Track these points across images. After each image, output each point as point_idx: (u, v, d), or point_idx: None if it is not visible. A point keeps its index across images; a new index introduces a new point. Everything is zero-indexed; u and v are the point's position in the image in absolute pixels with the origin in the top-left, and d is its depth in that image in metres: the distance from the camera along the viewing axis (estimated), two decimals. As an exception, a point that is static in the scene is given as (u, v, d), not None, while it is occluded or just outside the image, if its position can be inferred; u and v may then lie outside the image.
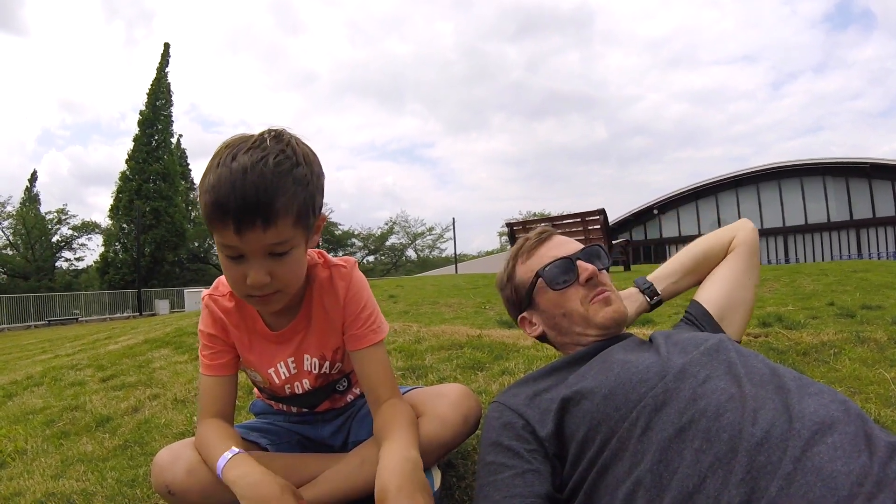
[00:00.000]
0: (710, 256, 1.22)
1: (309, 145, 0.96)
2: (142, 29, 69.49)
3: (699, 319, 1.12)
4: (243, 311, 1.10)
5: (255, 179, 0.84)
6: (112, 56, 72.87)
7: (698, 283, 1.23)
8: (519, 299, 1.15)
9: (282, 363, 1.13)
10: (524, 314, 1.15)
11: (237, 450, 0.95)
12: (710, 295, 1.15)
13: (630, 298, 1.20)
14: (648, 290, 1.20)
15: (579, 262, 1.07)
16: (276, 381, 1.15)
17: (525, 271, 1.13)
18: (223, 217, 0.85)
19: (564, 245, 1.12)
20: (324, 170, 0.98)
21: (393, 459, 0.90)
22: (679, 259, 1.25)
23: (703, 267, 1.22)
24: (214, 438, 1.00)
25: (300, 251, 0.96)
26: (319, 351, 1.14)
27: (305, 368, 1.15)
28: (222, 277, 1.12)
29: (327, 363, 1.15)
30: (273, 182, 0.85)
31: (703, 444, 0.69)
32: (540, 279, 1.09)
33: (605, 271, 1.10)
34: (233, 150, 0.87)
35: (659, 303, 1.21)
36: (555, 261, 1.08)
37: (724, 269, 1.19)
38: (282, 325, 1.11)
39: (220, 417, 1.06)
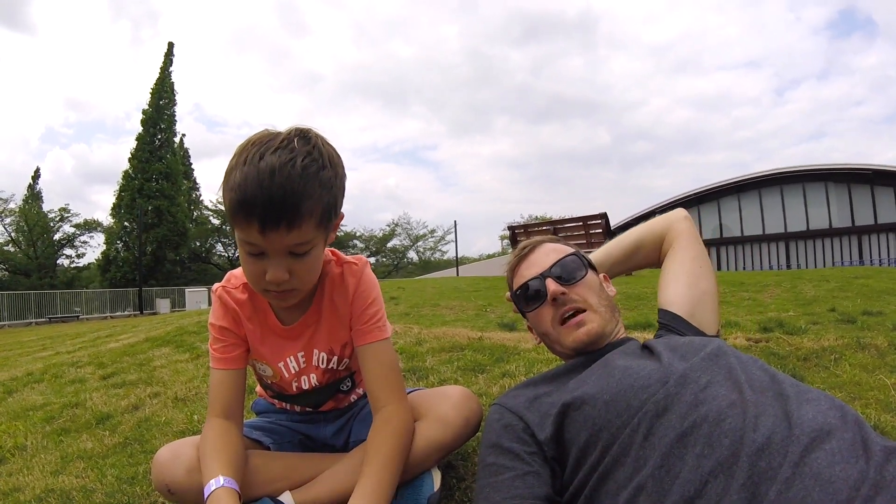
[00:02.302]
0: (640, 248, 1.24)
1: (332, 145, 0.97)
2: (148, 29, 69.73)
3: (674, 325, 1.10)
4: (256, 304, 1.12)
5: (283, 181, 0.85)
6: (118, 55, 72.99)
7: (628, 272, 1.27)
8: (517, 310, 1.19)
9: (291, 357, 1.15)
10: (527, 323, 1.19)
11: (223, 481, 0.92)
12: (672, 297, 1.14)
13: None
14: None
15: (548, 282, 1.07)
16: (286, 374, 1.16)
17: (513, 287, 1.17)
18: (248, 216, 0.86)
19: (540, 261, 1.12)
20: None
21: None
22: (608, 250, 1.27)
23: (633, 258, 1.25)
24: (212, 452, 0.98)
25: (319, 249, 0.98)
26: (328, 345, 1.15)
27: (314, 363, 1.16)
28: (234, 271, 1.14)
29: (335, 358, 1.17)
30: (300, 185, 0.86)
31: (705, 450, 0.69)
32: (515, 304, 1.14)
33: (581, 282, 1.08)
34: (260, 148, 0.88)
35: None
36: (525, 283, 1.11)
37: (673, 266, 1.18)
38: (293, 319, 1.13)
39: (228, 416, 1.07)
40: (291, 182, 0.86)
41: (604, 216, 9.02)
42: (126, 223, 29.53)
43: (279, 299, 1.02)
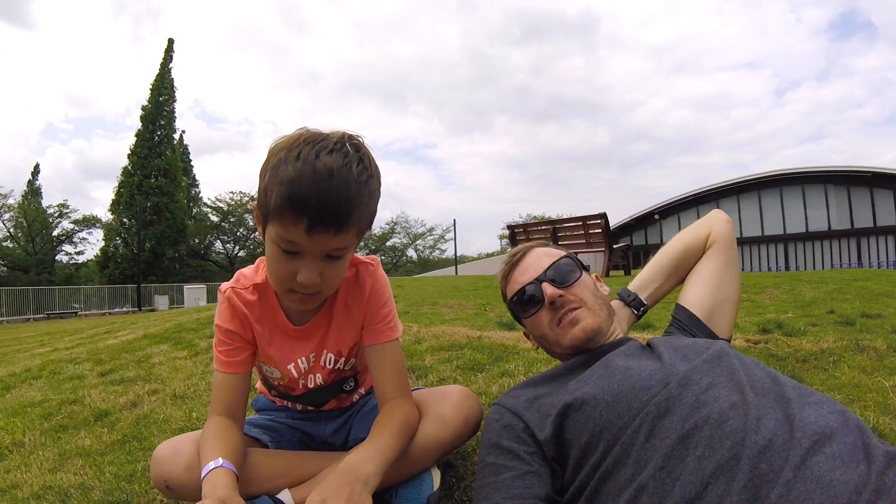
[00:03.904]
0: (688, 255, 1.22)
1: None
2: (149, 26, 69.73)
3: (688, 324, 1.11)
4: (266, 305, 1.10)
5: (340, 185, 0.84)
6: (118, 51, 73.00)
7: (681, 282, 1.23)
8: (514, 317, 1.19)
9: (302, 358, 1.14)
10: (523, 329, 1.19)
11: (222, 461, 0.92)
12: (694, 297, 1.14)
13: (617, 314, 1.18)
14: (634, 302, 1.20)
15: (544, 286, 1.07)
16: (295, 375, 1.15)
17: (507, 295, 1.16)
18: (298, 213, 0.84)
19: (534, 266, 1.12)
20: None
21: (341, 474, 0.87)
22: (658, 263, 1.25)
23: (683, 266, 1.22)
24: (212, 441, 0.99)
25: (350, 255, 0.98)
26: (337, 347, 1.14)
27: (321, 363, 1.15)
28: (244, 270, 1.12)
29: (343, 359, 1.16)
30: (356, 191, 0.85)
31: (706, 451, 0.70)
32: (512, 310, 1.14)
33: (577, 283, 1.09)
34: (314, 146, 0.85)
35: (645, 311, 1.21)
36: (520, 289, 1.11)
37: (703, 267, 1.18)
38: (304, 320, 1.12)
39: (229, 415, 1.06)
40: (348, 187, 0.84)
41: (603, 216, 9.00)
42: (125, 219, 29.49)
43: (303, 302, 1.00)
